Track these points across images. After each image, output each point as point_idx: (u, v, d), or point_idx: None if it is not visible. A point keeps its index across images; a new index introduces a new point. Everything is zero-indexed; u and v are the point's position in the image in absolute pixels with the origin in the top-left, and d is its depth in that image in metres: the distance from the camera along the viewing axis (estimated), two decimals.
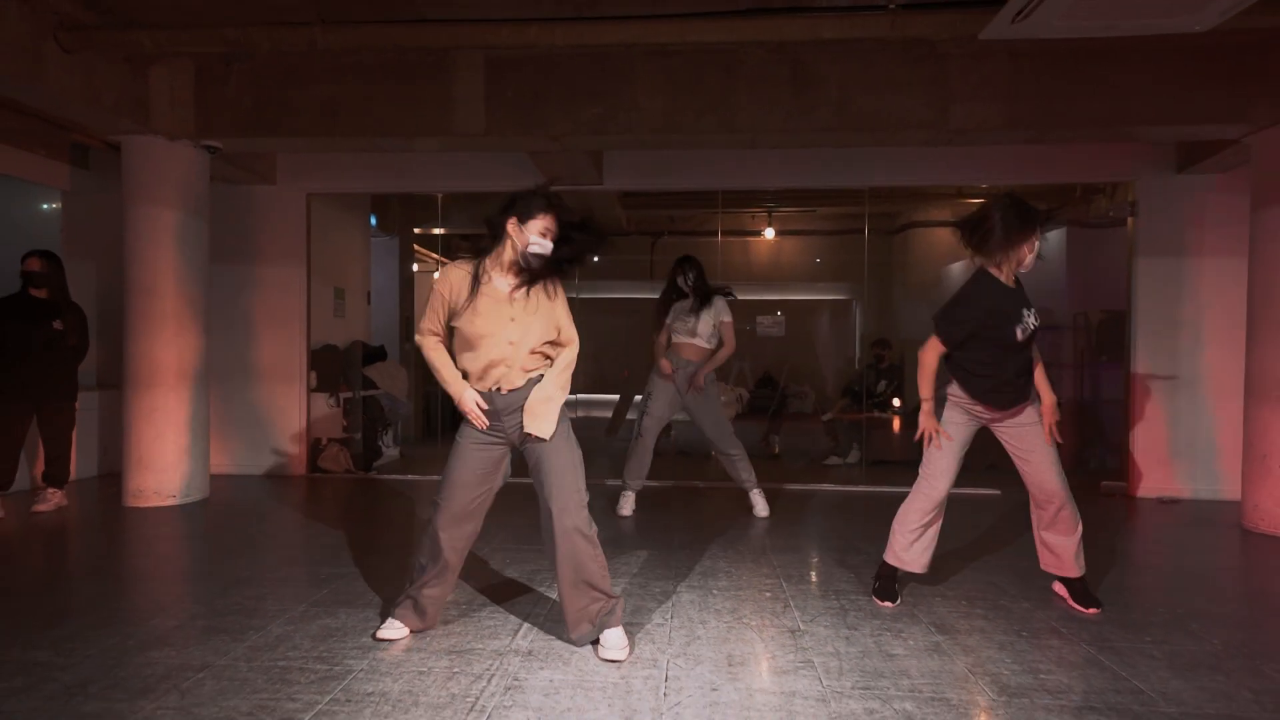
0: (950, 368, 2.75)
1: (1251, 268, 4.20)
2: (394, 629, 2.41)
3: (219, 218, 5.64)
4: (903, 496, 2.90)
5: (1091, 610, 2.71)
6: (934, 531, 2.82)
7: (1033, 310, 2.65)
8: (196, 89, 4.46)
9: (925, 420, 2.75)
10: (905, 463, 6.45)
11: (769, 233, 7.83)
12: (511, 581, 3.00)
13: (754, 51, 4.21)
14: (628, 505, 4.32)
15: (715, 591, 2.92)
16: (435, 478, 5.80)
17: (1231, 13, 2.85)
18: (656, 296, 4.43)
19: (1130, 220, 5.24)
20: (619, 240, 8.15)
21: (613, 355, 8.70)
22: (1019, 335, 2.60)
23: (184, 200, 4.55)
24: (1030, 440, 2.69)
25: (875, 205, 6.93)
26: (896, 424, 6.77)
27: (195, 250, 4.64)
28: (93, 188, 5.59)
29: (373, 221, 7.36)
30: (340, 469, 5.79)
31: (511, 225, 2.28)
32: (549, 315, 2.32)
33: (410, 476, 5.71)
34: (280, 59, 4.38)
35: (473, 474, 2.34)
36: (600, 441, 7.23)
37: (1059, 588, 2.87)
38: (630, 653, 2.29)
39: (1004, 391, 2.67)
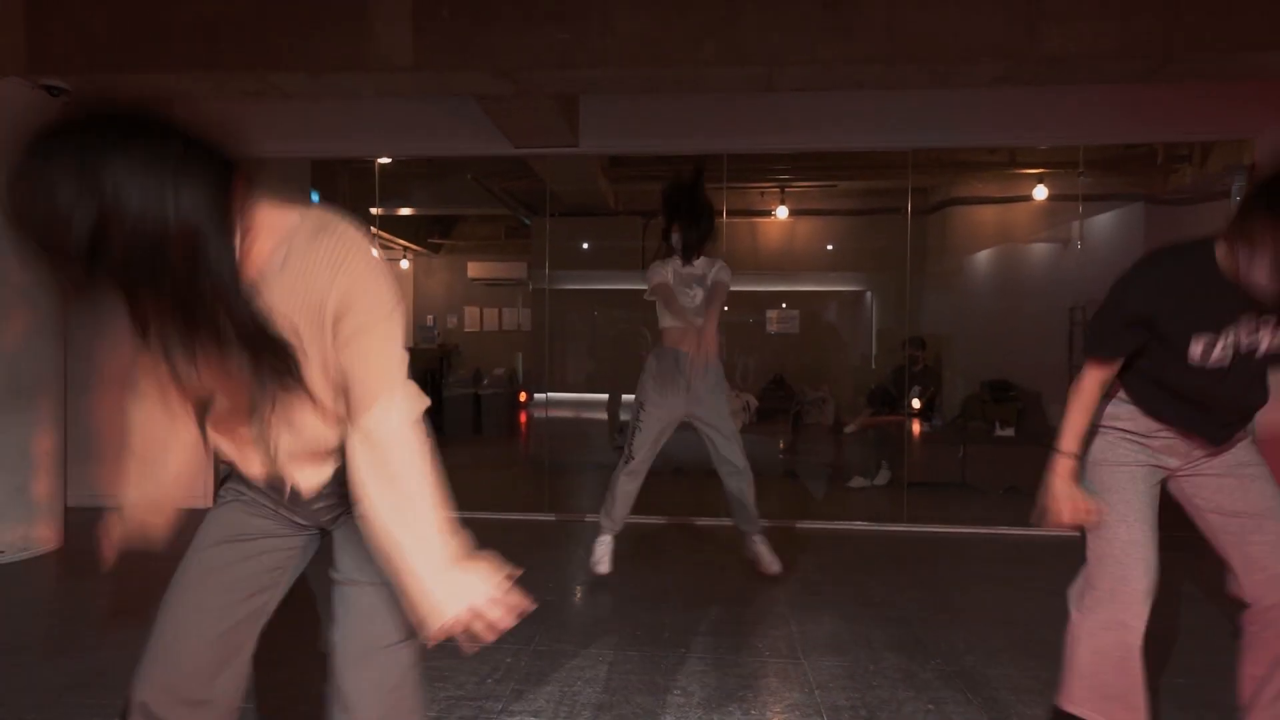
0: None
1: None
2: None
3: None
4: (953, 536, 1.85)
5: None
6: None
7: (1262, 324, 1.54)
8: (29, 7, 3.35)
9: (1057, 483, 1.66)
10: (947, 485, 5.40)
11: (782, 212, 6.69)
12: None
13: None
14: (605, 557, 3.21)
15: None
16: None
17: None
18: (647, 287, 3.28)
19: (1236, 189, 4.14)
20: (605, 222, 7.04)
21: (601, 352, 7.68)
22: (1199, 353, 1.53)
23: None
24: (1252, 494, 1.61)
25: (904, 178, 5.84)
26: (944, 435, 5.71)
27: None
28: None
29: (314, 198, 6.26)
30: None
31: None
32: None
33: None
34: None
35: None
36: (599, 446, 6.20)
37: None
38: None
39: (1204, 423, 1.60)
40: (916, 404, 5.81)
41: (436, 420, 8.09)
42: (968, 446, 5.59)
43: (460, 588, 0.97)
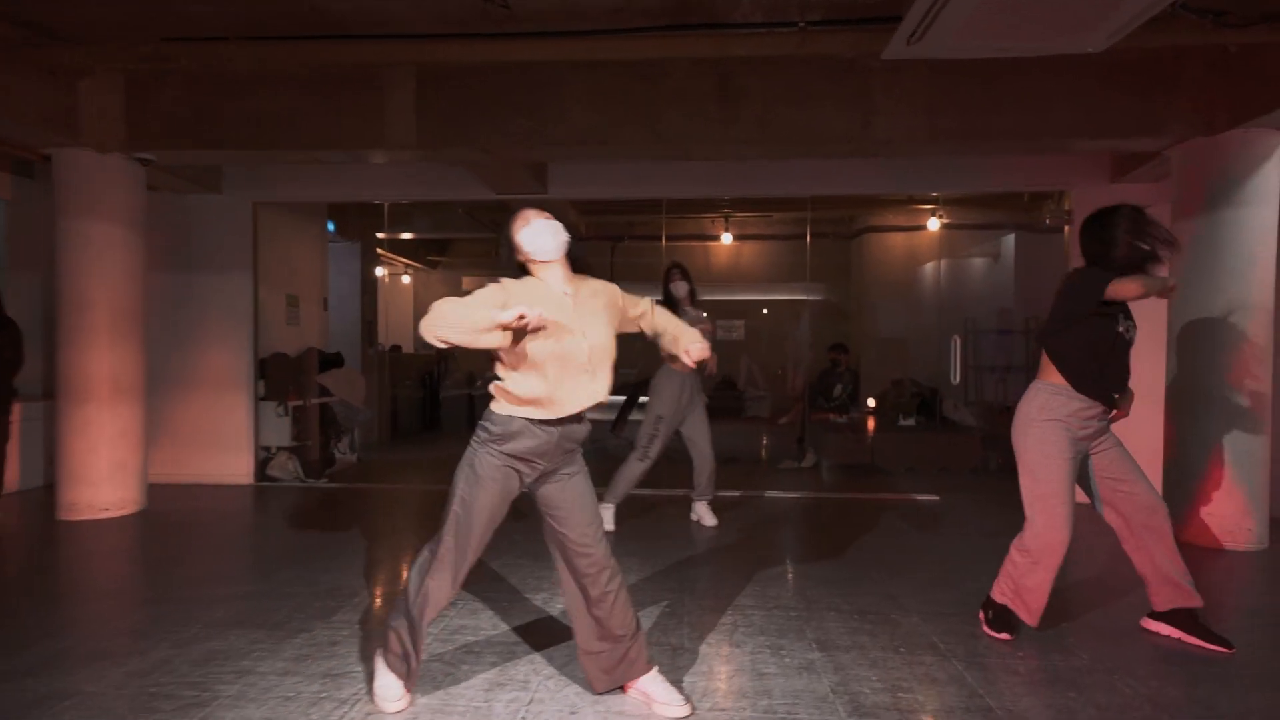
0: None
1: (1174, 278, 4.24)
2: (392, 696, 2.10)
3: (165, 228, 5.67)
4: (854, 502, 2.93)
5: (1226, 649, 2.53)
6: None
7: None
8: (127, 101, 4.46)
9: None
10: (860, 467, 6.52)
11: (726, 238, 7.86)
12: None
13: (679, 65, 4.23)
14: (609, 519, 4.12)
15: None
16: (392, 486, 5.91)
17: (1121, 34, 2.89)
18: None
19: (1066, 229, 5.29)
20: (577, 246, 8.17)
21: None
22: (1121, 329, 2.47)
23: (116, 212, 4.55)
24: (1122, 460, 2.59)
25: (828, 210, 6.98)
26: (858, 425, 6.83)
27: (129, 261, 4.65)
28: (37, 196, 5.58)
29: (330, 228, 7.37)
30: (289, 477, 5.82)
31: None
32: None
33: (362, 485, 5.73)
34: (209, 71, 4.39)
35: (495, 511, 2.06)
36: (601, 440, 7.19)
37: (1164, 628, 2.64)
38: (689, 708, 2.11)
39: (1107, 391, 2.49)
40: (837, 399, 6.93)
41: (434, 417, 9.11)
42: (877, 434, 6.71)
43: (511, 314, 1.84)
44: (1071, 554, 2.60)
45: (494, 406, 2.04)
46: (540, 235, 2.03)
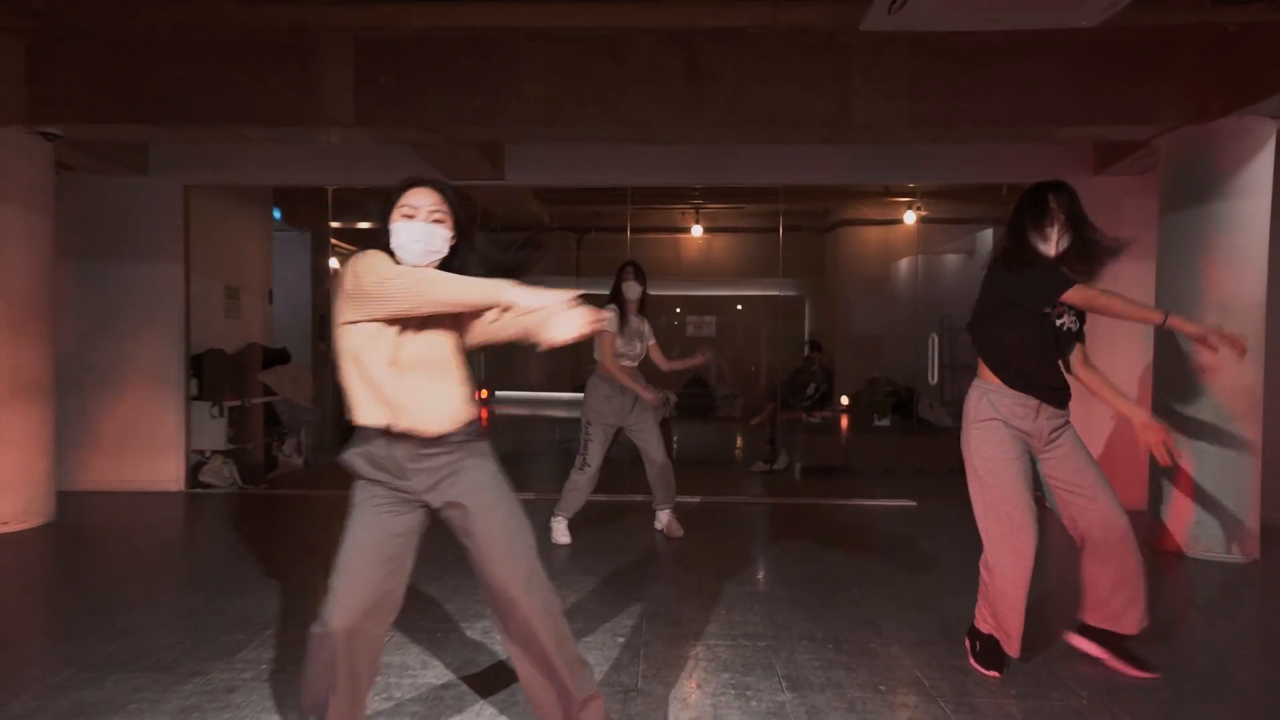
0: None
1: (1159, 274, 4.04)
2: None
3: (85, 212, 5.20)
4: (827, 509, 2.65)
5: (1148, 675, 2.30)
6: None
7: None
8: (29, 69, 4.00)
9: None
10: (834, 469, 6.28)
11: (696, 230, 7.56)
12: None
13: (643, 39, 3.90)
14: (562, 532, 3.86)
15: None
16: (340, 491, 5.44)
17: (1116, 7, 2.64)
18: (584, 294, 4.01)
19: None
20: (542, 237, 7.82)
21: (555, 354, 8.39)
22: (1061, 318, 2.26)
23: (16, 192, 4.09)
24: (1079, 465, 2.28)
25: (802, 203, 6.71)
26: (832, 425, 6.59)
27: (33, 247, 4.19)
28: None
29: (276, 215, 6.90)
30: (225, 483, 5.39)
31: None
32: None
33: (307, 491, 5.32)
34: (122, 36, 3.95)
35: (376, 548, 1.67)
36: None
37: (1092, 648, 2.37)
38: None
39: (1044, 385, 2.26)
40: (812, 398, 6.68)
41: None
42: (851, 435, 6.49)
43: (550, 299, 1.46)
44: (1064, 568, 2.33)
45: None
46: (401, 235, 1.64)
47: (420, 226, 1.63)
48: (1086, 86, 3.81)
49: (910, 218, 6.66)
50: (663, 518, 4.07)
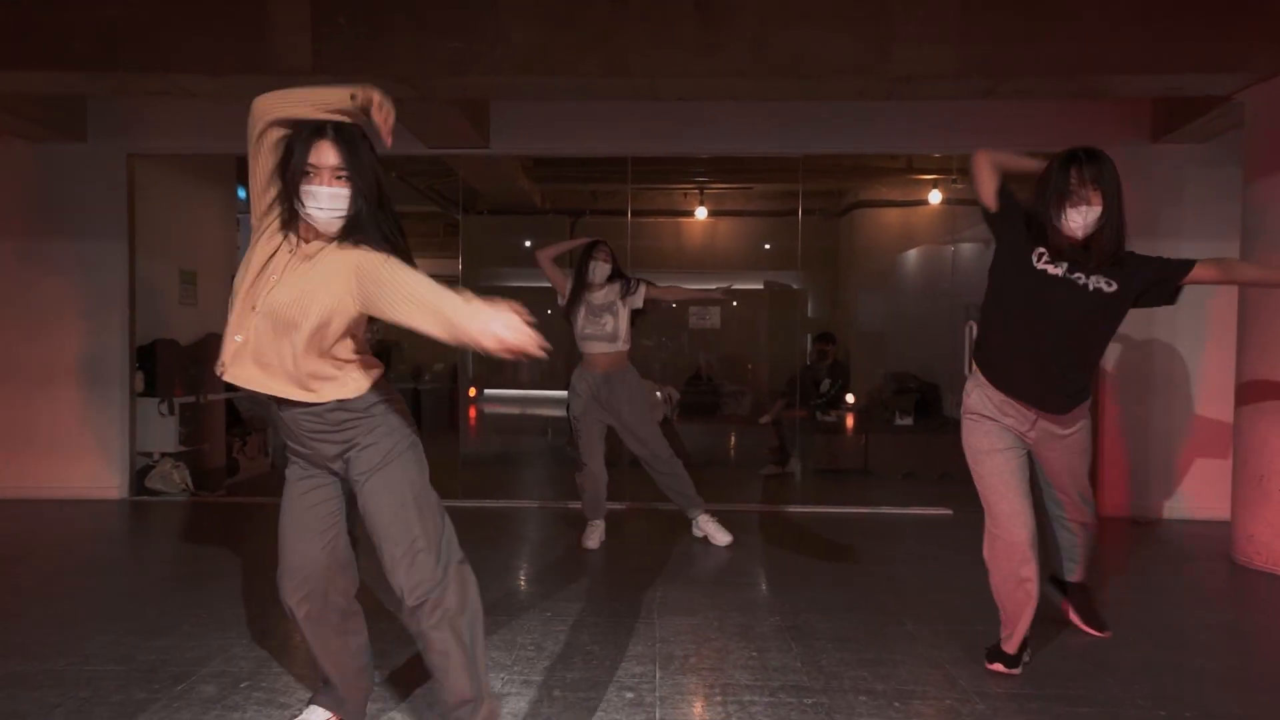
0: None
1: (1244, 250, 3.51)
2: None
3: (15, 183, 4.61)
4: (852, 519, 2.20)
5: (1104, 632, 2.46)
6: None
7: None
8: None
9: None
10: (852, 472, 5.74)
11: (701, 212, 6.98)
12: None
13: None
14: (595, 537, 3.56)
15: (556, 692, 2.07)
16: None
17: None
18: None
19: None
20: (534, 220, 7.23)
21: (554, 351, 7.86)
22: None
23: None
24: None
25: (814, 181, 6.15)
26: (849, 424, 6.05)
27: None
28: None
29: (241, 194, 6.31)
30: (175, 490, 4.79)
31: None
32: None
33: (266, 499, 4.73)
34: None
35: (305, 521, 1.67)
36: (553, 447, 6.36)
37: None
38: None
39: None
40: (826, 395, 6.14)
41: None
42: (870, 435, 5.94)
43: (490, 313, 1.29)
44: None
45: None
46: (314, 199, 1.50)
47: (323, 191, 1.49)
48: (1163, 29, 3.26)
49: (936, 197, 6.12)
50: (701, 524, 3.61)
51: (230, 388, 5.58)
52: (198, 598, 2.81)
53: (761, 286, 7.37)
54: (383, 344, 9.50)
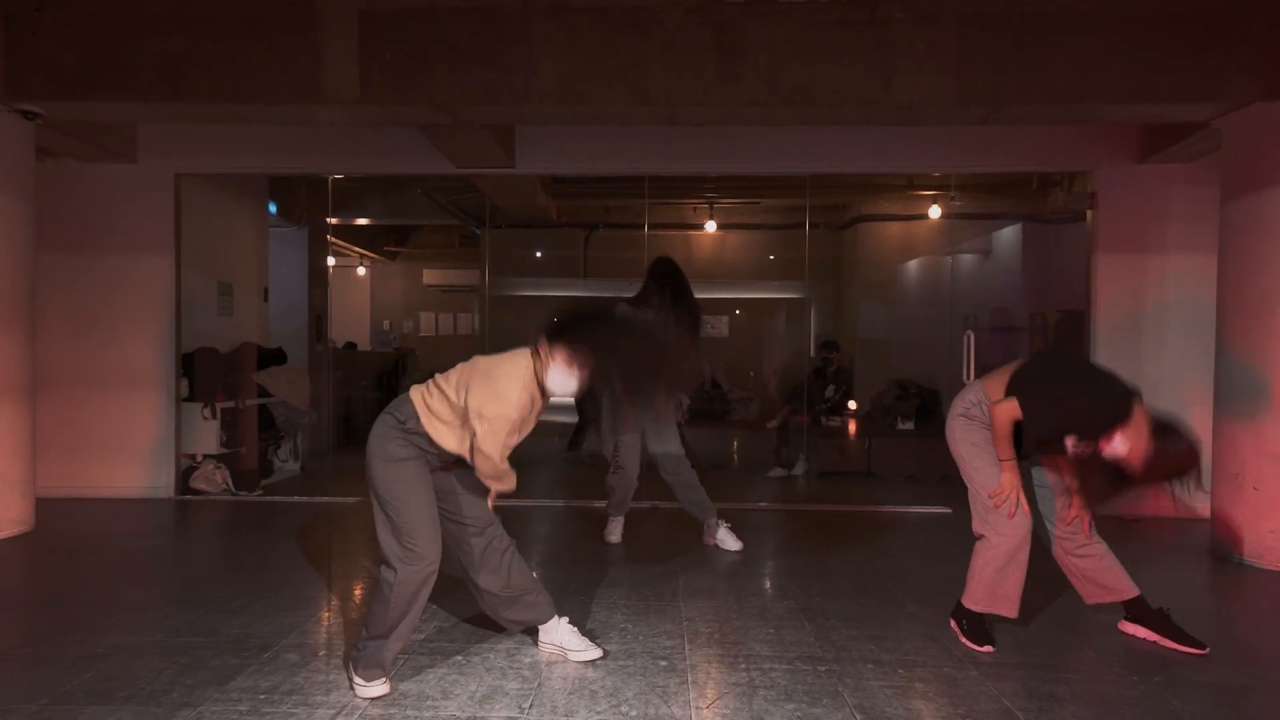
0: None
1: (1221, 265, 3.79)
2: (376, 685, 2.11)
3: (69, 201, 4.90)
4: (856, 515, 2.43)
5: (1199, 650, 2.42)
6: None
7: None
8: (5, 40, 3.71)
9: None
10: (856, 474, 5.99)
11: (710, 226, 7.28)
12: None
13: (671, 12, 3.64)
14: (616, 532, 3.83)
15: (597, 663, 2.34)
16: (339, 499, 5.15)
17: None
18: (591, 295, 3.86)
19: (1089, 214, 4.83)
20: (551, 233, 7.53)
21: None
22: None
23: None
24: None
25: (820, 197, 6.45)
26: (853, 429, 6.30)
27: (13, 236, 3.89)
28: None
29: (272, 209, 6.61)
30: (217, 489, 5.07)
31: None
32: None
33: (303, 499, 5.00)
34: (108, 7, 3.66)
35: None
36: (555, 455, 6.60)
37: (1135, 629, 2.56)
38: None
39: None
40: (830, 401, 6.40)
41: None
42: (873, 439, 6.20)
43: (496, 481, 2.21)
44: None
45: None
46: (556, 378, 2.23)
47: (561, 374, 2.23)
48: (1148, 61, 3.55)
49: (935, 212, 6.41)
50: (712, 530, 3.76)
51: (264, 394, 5.86)
52: (259, 583, 3.08)
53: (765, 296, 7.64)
54: (399, 351, 9.82)
